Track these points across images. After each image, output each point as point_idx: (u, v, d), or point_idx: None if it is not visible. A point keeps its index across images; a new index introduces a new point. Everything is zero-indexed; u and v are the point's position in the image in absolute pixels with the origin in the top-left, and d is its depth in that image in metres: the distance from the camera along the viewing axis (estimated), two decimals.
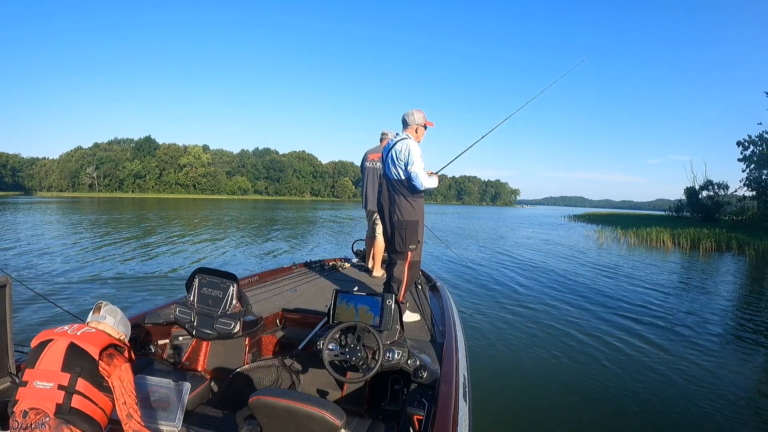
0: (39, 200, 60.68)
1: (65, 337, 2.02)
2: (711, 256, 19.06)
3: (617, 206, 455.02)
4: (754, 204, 36.04)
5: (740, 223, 32.85)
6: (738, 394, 4.87)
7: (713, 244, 21.41)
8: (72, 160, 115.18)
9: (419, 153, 3.94)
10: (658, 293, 10.22)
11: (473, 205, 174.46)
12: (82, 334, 2.06)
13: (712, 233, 22.79)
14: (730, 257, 19.04)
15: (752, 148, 36.12)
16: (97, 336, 2.09)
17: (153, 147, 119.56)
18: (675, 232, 23.56)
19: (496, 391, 4.72)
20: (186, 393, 2.48)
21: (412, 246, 4.05)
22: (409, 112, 4.13)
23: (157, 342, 3.26)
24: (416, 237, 4.04)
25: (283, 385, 3.04)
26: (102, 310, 2.28)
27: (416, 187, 3.95)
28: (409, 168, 3.91)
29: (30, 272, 9.76)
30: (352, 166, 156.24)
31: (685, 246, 21.74)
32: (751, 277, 14.64)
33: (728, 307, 9.49)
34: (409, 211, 4.02)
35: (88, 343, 2.02)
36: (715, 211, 37.16)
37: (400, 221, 4.02)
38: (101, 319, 2.23)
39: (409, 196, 4.01)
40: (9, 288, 2.29)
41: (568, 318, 7.62)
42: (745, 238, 21.95)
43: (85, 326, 2.14)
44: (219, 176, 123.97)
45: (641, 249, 21.07)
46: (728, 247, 21.45)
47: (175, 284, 8.90)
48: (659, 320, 7.78)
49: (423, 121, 4.14)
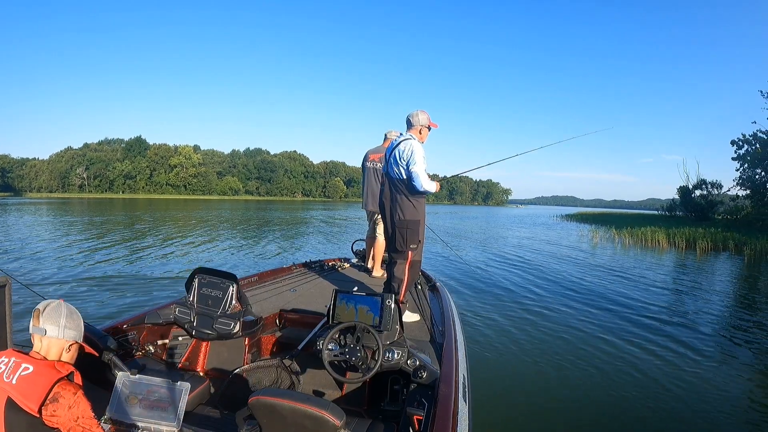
0: (28, 201, 59.97)
1: (1, 390, 1.70)
2: (708, 256, 18.89)
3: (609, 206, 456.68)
4: (746, 203, 35.73)
5: (734, 223, 32.43)
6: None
7: (710, 244, 21.10)
8: (62, 160, 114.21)
9: (422, 154, 3.97)
10: (656, 294, 10.21)
11: (465, 205, 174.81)
12: (18, 381, 1.71)
13: (707, 233, 22.51)
14: (726, 257, 18.88)
15: (746, 147, 35.71)
16: (36, 379, 1.71)
17: (143, 147, 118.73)
18: (670, 231, 23.29)
19: (496, 391, 4.73)
20: (186, 393, 2.47)
21: (413, 245, 4.07)
22: (413, 112, 4.15)
23: (157, 342, 3.25)
24: (417, 236, 4.07)
25: (282, 385, 3.04)
26: (41, 319, 1.85)
27: (416, 187, 3.96)
28: (411, 168, 3.93)
29: (29, 272, 9.68)
30: (344, 167, 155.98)
31: (681, 246, 21.49)
32: (752, 277, 14.41)
33: (735, 308, 9.40)
34: (410, 210, 4.04)
35: (25, 398, 1.68)
36: (708, 210, 36.87)
37: (401, 220, 4.05)
38: (41, 333, 1.85)
39: (411, 196, 4.03)
40: (9, 288, 2.28)
41: (567, 318, 7.64)
42: (741, 237, 21.67)
43: (22, 360, 1.77)
44: (210, 176, 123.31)
45: (636, 249, 20.91)
46: (725, 246, 21.16)
47: (175, 284, 8.85)
48: (657, 320, 7.79)
49: (427, 123, 4.16)
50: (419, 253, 4.16)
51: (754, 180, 34.57)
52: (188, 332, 3.14)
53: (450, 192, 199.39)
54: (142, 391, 2.36)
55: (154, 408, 2.41)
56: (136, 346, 3.10)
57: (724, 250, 20.92)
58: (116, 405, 2.23)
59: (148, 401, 2.41)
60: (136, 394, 2.28)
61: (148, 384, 2.47)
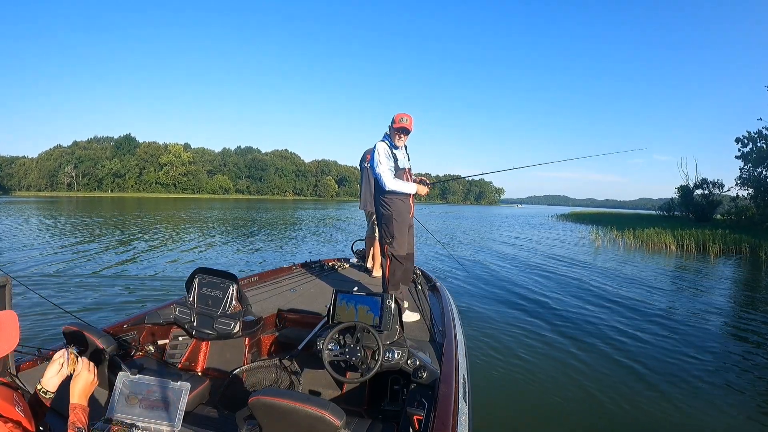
0: (17, 200, 59.19)
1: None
2: (721, 260, 17.70)
3: (601, 205, 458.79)
4: (749, 203, 34.59)
5: (738, 224, 30.96)
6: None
7: (721, 247, 19.71)
8: (51, 158, 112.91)
9: (384, 154, 4.12)
10: (663, 297, 9.98)
11: (458, 204, 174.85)
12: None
13: (715, 234, 20.96)
14: (740, 261, 17.59)
15: (751, 145, 34.58)
16: None
17: (133, 145, 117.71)
18: (676, 233, 21.82)
19: (496, 391, 4.73)
20: (186, 393, 2.46)
21: (388, 239, 4.24)
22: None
23: (157, 342, 3.24)
24: (391, 232, 4.22)
25: (282, 385, 3.04)
26: None
27: (382, 187, 4.16)
28: (376, 169, 4.15)
29: (29, 272, 9.59)
30: (336, 165, 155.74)
31: (690, 248, 20.12)
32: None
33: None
34: (384, 207, 4.25)
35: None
36: (709, 210, 35.68)
37: (378, 215, 4.35)
38: None
39: (383, 194, 4.22)
40: (9, 288, 2.26)
41: (568, 318, 7.65)
42: (756, 241, 20.03)
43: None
44: (200, 175, 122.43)
45: (642, 252, 19.74)
46: (738, 249, 19.70)
47: (175, 284, 8.79)
48: (663, 318, 7.80)
49: (392, 123, 4.23)
50: (399, 249, 4.24)
51: (759, 179, 33.43)
52: (188, 332, 3.14)
53: (443, 191, 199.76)
54: (142, 391, 2.35)
55: (154, 408, 2.40)
56: (136, 346, 3.09)
57: (737, 253, 19.56)
58: (116, 405, 2.22)
59: (148, 401, 2.40)
60: (136, 394, 2.27)
61: (148, 384, 2.46)
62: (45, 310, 6.23)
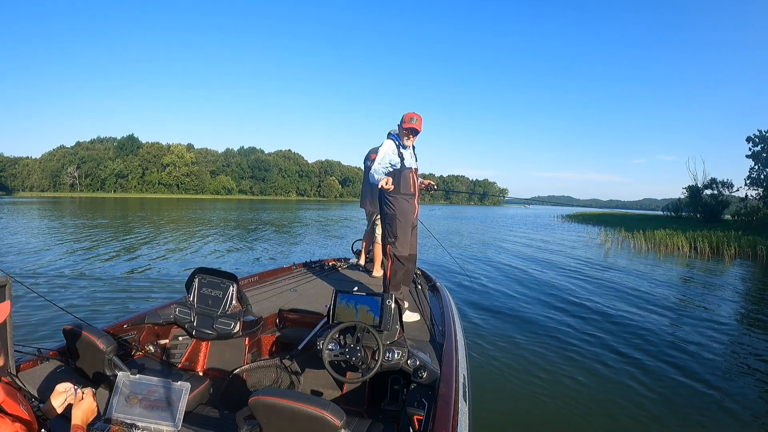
0: (20, 201, 59.30)
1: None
2: (733, 262, 17.18)
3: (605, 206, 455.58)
4: (759, 204, 33.82)
5: (749, 224, 29.99)
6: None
7: (736, 249, 19.14)
8: (54, 159, 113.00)
9: (385, 152, 4.13)
10: (670, 294, 9.95)
11: (461, 205, 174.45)
12: None
13: (728, 236, 20.45)
14: (753, 264, 17.02)
15: (762, 145, 34.13)
16: None
17: (136, 146, 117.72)
18: (688, 234, 21.20)
19: (496, 391, 4.73)
20: (186, 393, 2.47)
21: (391, 239, 4.22)
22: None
23: (157, 342, 3.25)
24: (394, 231, 4.19)
25: (282, 385, 3.04)
26: None
27: (374, 184, 4.17)
28: (372, 165, 4.17)
29: (30, 272, 9.61)
30: (339, 166, 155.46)
31: (704, 251, 19.46)
32: None
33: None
34: (389, 206, 4.21)
35: None
36: (719, 210, 35.08)
37: (382, 214, 4.32)
38: None
39: (389, 193, 4.17)
40: (9, 288, 2.26)
41: (569, 319, 7.64)
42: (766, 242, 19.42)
43: None
44: (203, 176, 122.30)
45: (654, 254, 19.06)
46: (755, 253, 19.01)
47: (175, 284, 8.81)
48: (658, 321, 7.78)
49: (401, 123, 4.23)
50: (401, 250, 4.21)
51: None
52: (188, 332, 3.14)
53: (446, 192, 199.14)
54: (142, 391, 2.35)
55: (154, 408, 2.40)
56: (136, 346, 3.09)
57: (753, 256, 18.87)
58: (116, 405, 2.22)
59: (149, 401, 2.40)
60: (137, 394, 2.27)
61: (148, 384, 2.47)
62: (45, 310, 6.25)
